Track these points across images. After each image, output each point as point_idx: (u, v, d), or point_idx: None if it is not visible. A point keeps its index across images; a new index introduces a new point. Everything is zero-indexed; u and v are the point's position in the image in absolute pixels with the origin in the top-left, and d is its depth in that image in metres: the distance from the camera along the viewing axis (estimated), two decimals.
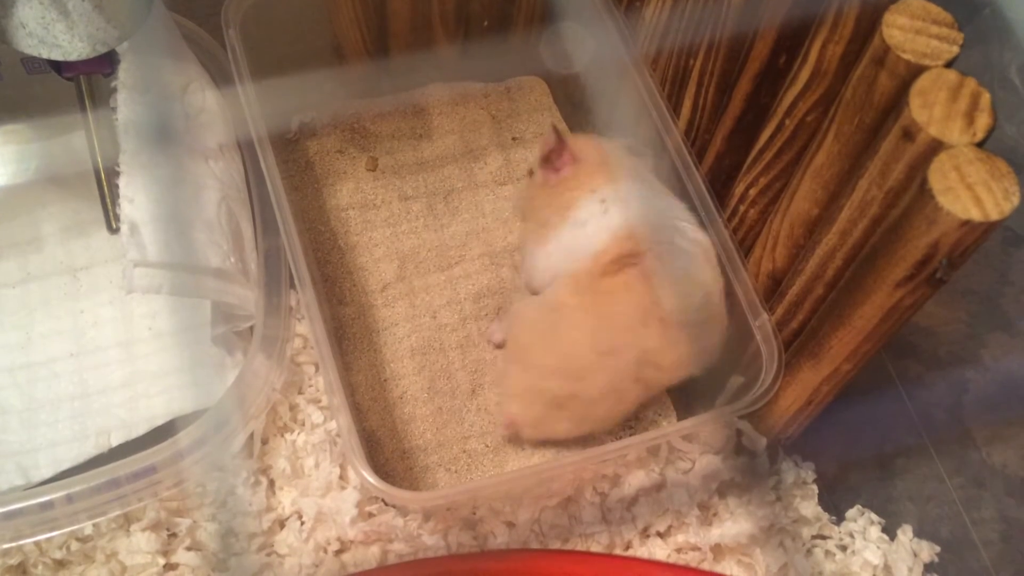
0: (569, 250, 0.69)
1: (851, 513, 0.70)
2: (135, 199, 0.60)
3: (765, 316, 0.63)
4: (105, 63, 0.61)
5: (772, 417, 0.67)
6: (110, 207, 0.64)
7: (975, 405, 0.64)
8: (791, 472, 0.69)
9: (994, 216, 0.44)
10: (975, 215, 0.44)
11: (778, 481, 0.68)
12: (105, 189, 0.64)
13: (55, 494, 0.57)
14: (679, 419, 0.73)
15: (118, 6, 0.57)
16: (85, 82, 0.62)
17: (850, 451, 0.71)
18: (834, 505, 0.70)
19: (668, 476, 0.66)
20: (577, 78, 0.81)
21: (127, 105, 0.62)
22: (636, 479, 0.66)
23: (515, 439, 0.70)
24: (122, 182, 0.60)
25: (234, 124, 0.69)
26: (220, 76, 0.71)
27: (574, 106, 0.84)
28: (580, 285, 0.67)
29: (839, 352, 0.58)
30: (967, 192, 0.45)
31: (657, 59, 0.71)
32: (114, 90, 0.62)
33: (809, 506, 0.68)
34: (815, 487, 0.70)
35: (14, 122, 0.74)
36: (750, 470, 0.67)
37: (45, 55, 0.57)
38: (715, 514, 0.67)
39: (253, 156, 0.68)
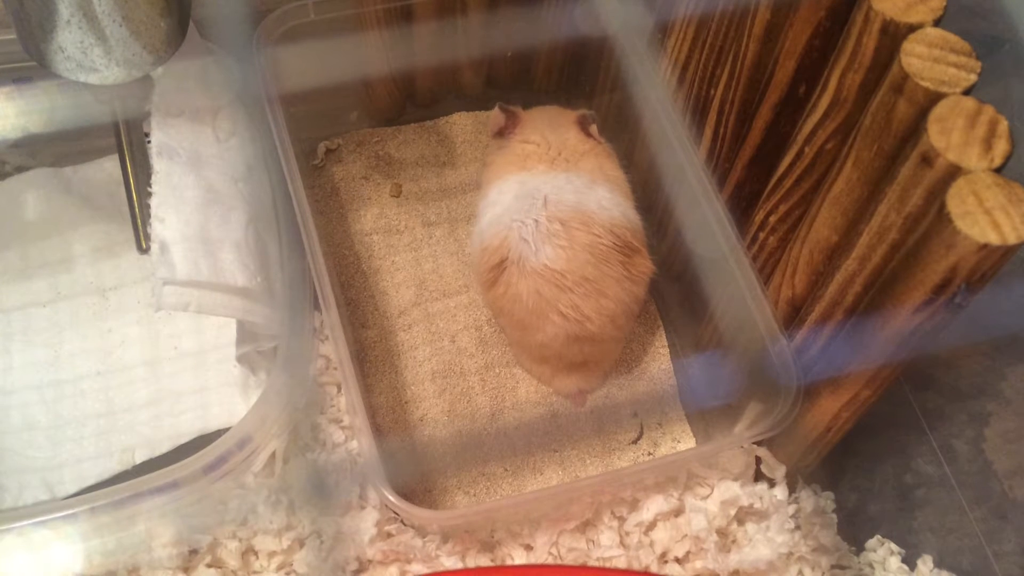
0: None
1: (871, 543, 0.69)
2: (166, 219, 0.61)
3: (784, 342, 0.63)
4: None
5: (791, 444, 0.67)
6: (141, 227, 0.65)
7: (996, 438, 0.64)
8: (810, 500, 0.69)
9: (1012, 240, 0.45)
10: (993, 239, 0.45)
11: (797, 509, 0.68)
12: (137, 209, 0.65)
13: (79, 508, 0.58)
14: (698, 445, 0.73)
15: (154, 32, 0.59)
16: (120, 105, 0.64)
17: (870, 481, 0.70)
18: (853, 535, 0.70)
19: (687, 501, 0.66)
20: (599, 109, 0.82)
21: (160, 128, 0.63)
22: (655, 504, 0.66)
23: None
24: (154, 202, 0.62)
25: (263, 148, 0.71)
26: (250, 101, 0.73)
27: None
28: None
29: (858, 378, 0.58)
30: (985, 216, 0.45)
31: (678, 89, 0.72)
32: (148, 113, 0.64)
33: (828, 535, 0.68)
34: (834, 516, 0.70)
35: (49, 144, 0.75)
36: (769, 497, 0.67)
37: (83, 79, 0.59)
38: (734, 540, 0.66)
39: (281, 180, 0.69)
